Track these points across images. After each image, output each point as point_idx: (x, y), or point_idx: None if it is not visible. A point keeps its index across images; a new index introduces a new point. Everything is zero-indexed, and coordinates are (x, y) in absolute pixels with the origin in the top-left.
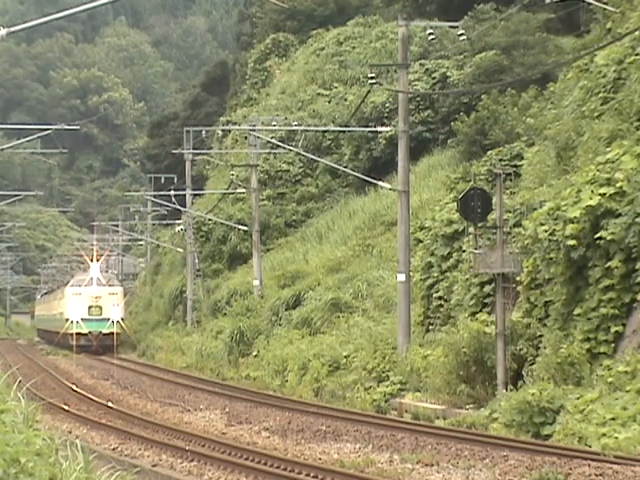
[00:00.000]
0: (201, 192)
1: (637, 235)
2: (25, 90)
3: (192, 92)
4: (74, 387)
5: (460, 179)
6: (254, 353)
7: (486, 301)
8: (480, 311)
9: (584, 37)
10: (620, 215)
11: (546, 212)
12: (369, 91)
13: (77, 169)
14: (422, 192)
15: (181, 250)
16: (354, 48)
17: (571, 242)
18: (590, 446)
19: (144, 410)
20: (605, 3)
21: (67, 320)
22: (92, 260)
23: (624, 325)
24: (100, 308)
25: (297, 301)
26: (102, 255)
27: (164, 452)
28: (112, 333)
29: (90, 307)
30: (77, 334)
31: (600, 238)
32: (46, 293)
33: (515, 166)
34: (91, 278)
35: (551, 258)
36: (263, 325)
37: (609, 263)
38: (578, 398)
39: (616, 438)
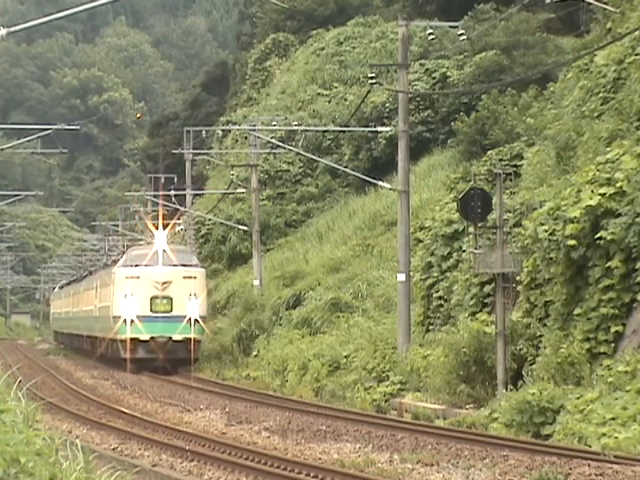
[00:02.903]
0: (201, 192)
1: (637, 235)
2: (25, 90)
3: (192, 92)
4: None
5: (460, 179)
6: (254, 353)
7: (486, 301)
8: (480, 311)
9: (584, 37)
10: (620, 215)
11: (546, 212)
12: (369, 91)
13: (77, 169)
14: (422, 192)
15: None
16: (354, 48)
17: (571, 242)
18: (590, 446)
19: (144, 410)
20: (605, 3)
21: (116, 319)
22: (157, 228)
23: (624, 325)
24: (170, 300)
25: (297, 301)
26: (172, 221)
27: (164, 452)
28: (188, 340)
29: (154, 299)
30: (132, 341)
31: (600, 238)
32: (71, 282)
33: (515, 166)
34: (156, 253)
35: (551, 258)
36: (266, 323)
37: (609, 263)
38: (578, 398)
39: (616, 438)
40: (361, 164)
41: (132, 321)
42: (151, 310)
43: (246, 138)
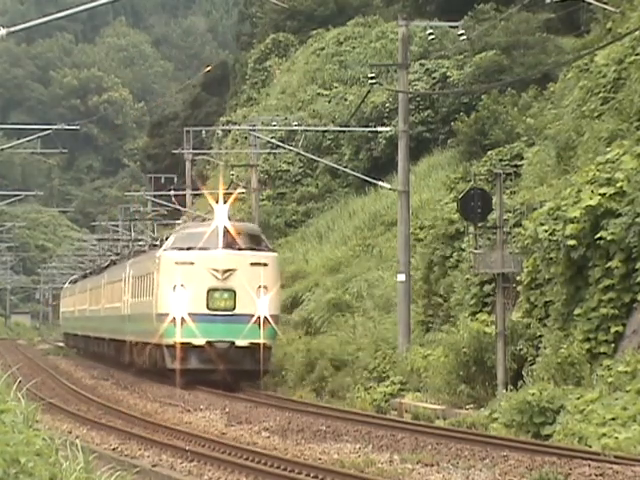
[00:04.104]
0: (201, 192)
1: (637, 235)
2: (25, 90)
3: (192, 92)
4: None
5: (460, 179)
6: None
7: (486, 301)
8: (480, 311)
9: (584, 37)
10: (620, 215)
11: (546, 212)
12: (369, 91)
13: (77, 169)
14: (422, 192)
15: None
16: (354, 48)
17: (571, 242)
18: (590, 446)
19: (144, 410)
20: (605, 3)
21: (161, 318)
22: (217, 201)
23: (624, 325)
24: (232, 294)
25: (297, 301)
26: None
27: (164, 452)
28: (256, 347)
29: (212, 292)
30: (183, 347)
31: (600, 238)
32: (87, 275)
33: (515, 166)
34: (215, 232)
35: (551, 258)
36: None
37: (609, 263)
38: (578, 398)
39: (616, 438)
40: (361, 164)
41: (183, 321)
42: (208, 307)
43: (246, 138)
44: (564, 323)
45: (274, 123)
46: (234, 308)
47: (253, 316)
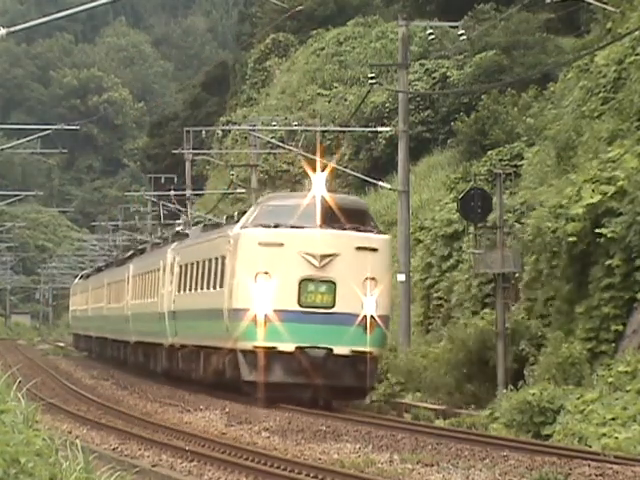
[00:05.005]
0: (201, 192)
1: (638, 234)
2: (25, 90)
3: (192, 92)
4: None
5: (460, 179)
6: None
7: (486, 301)
8: (481, 311)
9: (584, 37)
10: (621, 214)
11: (547, 210)
12: (369, 91)
13: (77, 169)
14: (422, 192)
15: None
16: (354, 48)
17: (572, 239)
18: (590, 446)
19: (144, 410)
20: (605, 3)
21: (237, 315)
22: (314, 169)
23: (624, 325)
24: (332, 287)
25: None
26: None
27: (164, 452)
28: (360, 355)
29: (306, 283)
30: (266, 353)
31: (601, 237)
32: (103, 268)
33: (515, 166)
34: (311, 206)
35: (552, 257)
36: None
37: (610, 262)
38: (578, 398)
39: (616, 438)
40: (361, 164)
41: (267, 319)
42: (300, 302)
43: (246, 138)
44: (565, 323)
45: (274, 123)
46: (333, 305)
47: (357, 316)
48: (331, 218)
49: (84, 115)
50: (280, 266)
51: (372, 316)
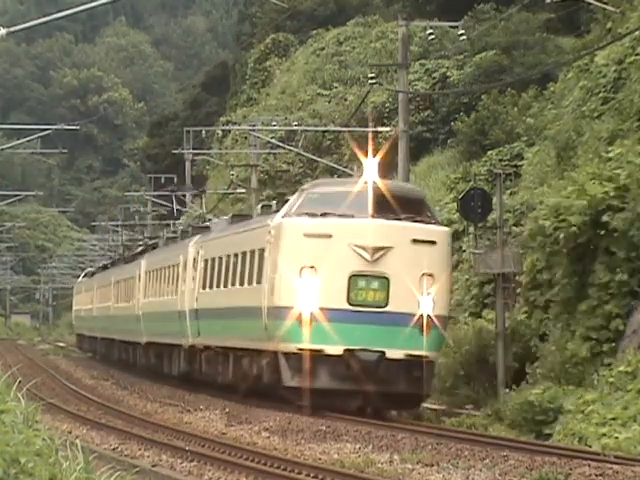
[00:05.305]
0: (201, 192)
1: (638, 234)
2: (25, 90)
3: (192, 92)
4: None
5: (460, 179)
6: None
7: (486, 301)
8: (481, 311)
9: (584, 37)
10: (622, 212)
11: (548, 210)
12: (369, 91)
13: (77, 169)
14: None
15: None
16: (354, 48)
17: (572, 238)
18: (590, 446)
19: (144, 410)
20: (605, 3)
21: (279, 313)
22: (366, 154)
23: (625, 325)
24: (384, 284)
25: None
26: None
27: (164, 452)
28: (415, 360)
29: (356, 279)
30: (311, 356)
31: (601, 236)
32: (109, 266)
33: (515, 166)
34: (362, 192)
35: (552, 256)
36: None
37: (610, 262)
38: (579, 398)
39: (616, 438)
40: (361, 164)
41: (313, 318)
42: (349, 300)
43: (246, 138)
44: (565, 322)
45: (274, 123)
46: (386, 304)
47: (413, 316)
48: (384, 207)
49: (84, 115)
50: (328, 260)
51: (429, 316)
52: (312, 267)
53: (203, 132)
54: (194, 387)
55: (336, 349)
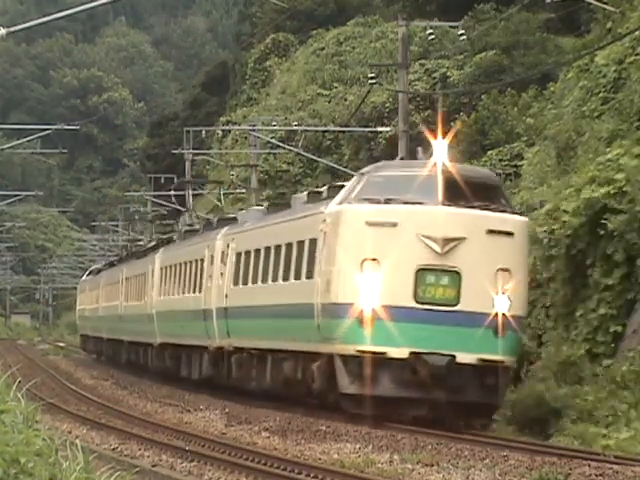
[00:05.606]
0: (201, 192)
1: (637, 235)
2: (25, 90)
3: (192, 92)
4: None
5: None
6: None
7: None
8: None
9: (584, 37)
10: (620, 212)
11: (545, 212)
12: (369, 91)
13: (77, 169)
14: None
15: None
16: (354, 48)
17: (570, 241)
18: (590, 446)
19: (144, 410)
20: (605, 3)
21: (336, 311)
22: (435, 135)
23: (624, 325)
24: (456, 279)
25: None
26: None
27: (164, 452)
28: (489, 365)
29: (424, 274)
30: (373, 359)
31: (599, 238)
32: (115, 263)
33: (515, 166)
34: (431, 176)
35: (551, 258)
36: None
37: (609, 263)
38: (579, 398)
39: (616, 438)
40: (361, 164)
41: (375, 316)
42: (416, 297)
43: (246, 138)
44: (564, 323)
45: (274, 123)
46: (457, 302)
47: (487, 316)
48: (456, 193)
49: (84, 115)
50: (392, 251)
51: (505, 316)
52: (375, 260)
53: (203, 132)
54: (194, 387)
55: (401, 352)
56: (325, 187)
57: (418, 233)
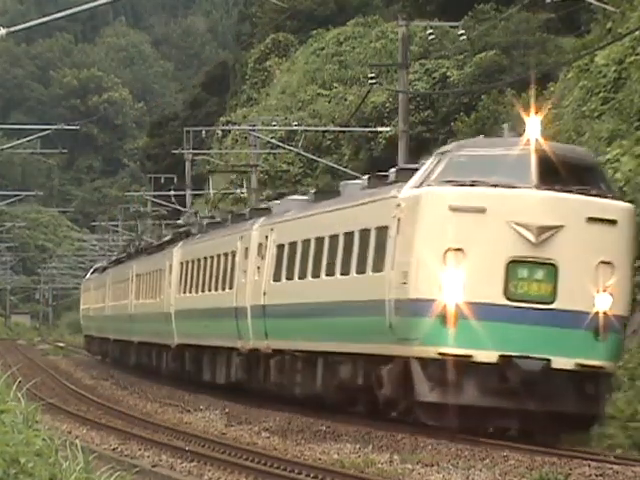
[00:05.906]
0: (201, 192)
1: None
2: (25, 90)
3: (192, 92)
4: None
5: None
6: None
7: None
8: None
9: (584, 37)
10: None
11: None
12: (369, 91)
13: (77, 169)
14: None
15: None
16: (354, 48)
17: None
18: (590, 446)
19: (144, 410)
20: (605, 3)
21: (414, 308)
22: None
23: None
24: (552, 273)
25: None
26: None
27: (164, 452)
28: (588, 370)
29: (515, 267)
30: (457, 363)
31: None
32: (122, 260)
33: None
34: (523, 155)
35: None
36: None
37: None
38: None
39: (617, 437)
40: (361, 164)
41: (459, 314)
42: (507, 293)
43: (246, 138)
44: None
45: (274, 123)
46: (554, 299)
47: (587, 315)
48: (552, 175)
49: (84, 115)
50: (480, 241)
51: (607, 315)
52: (459, 250)
53: (203, 132)
54: (194, 387)
55: (489, 355)
56: (393, 170)
57: (509, 220)
